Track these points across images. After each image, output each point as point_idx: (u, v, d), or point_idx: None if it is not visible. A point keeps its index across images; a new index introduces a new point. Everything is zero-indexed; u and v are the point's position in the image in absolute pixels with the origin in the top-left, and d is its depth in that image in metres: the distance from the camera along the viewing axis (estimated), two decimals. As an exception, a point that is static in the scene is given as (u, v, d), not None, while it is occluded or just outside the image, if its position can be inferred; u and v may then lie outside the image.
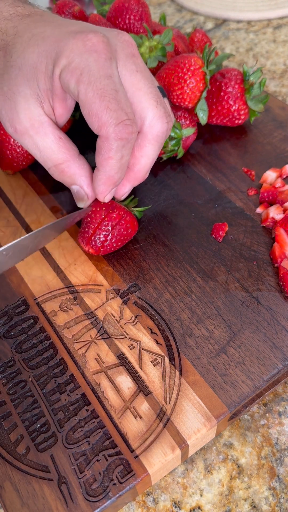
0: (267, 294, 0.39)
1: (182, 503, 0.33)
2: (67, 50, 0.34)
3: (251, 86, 0.48)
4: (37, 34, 0.35)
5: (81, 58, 0.33)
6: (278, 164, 0.49)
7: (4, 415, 0.34)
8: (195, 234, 0.44)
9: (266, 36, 0.72)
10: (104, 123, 0.34)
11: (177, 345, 0.36)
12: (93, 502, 0.30)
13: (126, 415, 0.33)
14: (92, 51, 0.34)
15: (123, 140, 0.34)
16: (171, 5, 0.81)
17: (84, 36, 0.34)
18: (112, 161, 0.35)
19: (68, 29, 0.35)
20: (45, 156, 0.37)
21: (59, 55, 0.34)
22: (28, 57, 0.35)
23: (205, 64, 0.46)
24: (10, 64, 0.35)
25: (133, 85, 0.36)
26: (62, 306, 0.39)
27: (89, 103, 0.33)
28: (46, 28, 0.36)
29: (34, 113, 0.36)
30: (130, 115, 0.34)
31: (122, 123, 0.34)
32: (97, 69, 0.33)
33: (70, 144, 0.38)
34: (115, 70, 0.35)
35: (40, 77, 0.35)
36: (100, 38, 0.34)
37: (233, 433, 0.36)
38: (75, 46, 0.34)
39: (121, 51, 0.36)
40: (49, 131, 0.36)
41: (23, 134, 0.36)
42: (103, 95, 0.33)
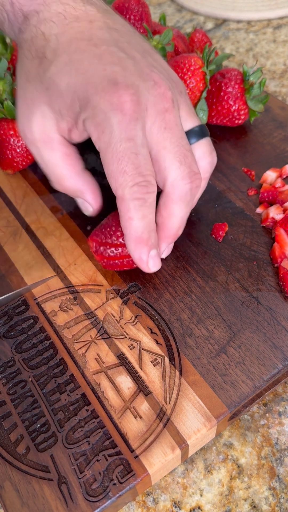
0: (267, 294, 0.39)
1: (182, 503, 0.33)
2: (93, 101, 0.33)
3: (251, 86, 0.48)
4: (73, 61, 0.34)
5: (105, 115, 0.33)
6: (278, 164, 0.49)
7: (4, 415, 0.34)
8: (195, 234, 0.44)
9: (266, 36, 0.72)
10: (119, 185, 0.34)
11: (177, 345, 0.36)
12: (93, 502, 0.30)
13: (126, 415, 0.33)
14: (117, 111, 0.33)
15: (140, 200, 0.34)
16: (171, 5, 0.81)
17: (114, 92, 0.33)
18: (133, 221, 0.35)
19: (106, 69, 0.34)
20: (49, 169, 0.37)
21: (86, 102, 0.33)
22: (57, 83, 0.34)
23: (205, 64, 0.46)
24: (40, 79, 0.35)
25: (158, 143, 0.35)
26: (62, 306, 0.39)
27: (107, 163, 0.33)
28: (84, 56, 0.34)
29: (47, 129, 0.35)
30: (148, 177, 0.34)
31: (136, 185, 0.34)
32: (119, 131, 0.33)
33: (76, 161, 0.37)
34: (139, 131, 0.33)
35: (64, 107, 0.34)
36: (129, 97, 0.33)
37: (233, 433, 0.36)
38: (102, 101, 0.33)
39: (152, 107, 0.34)
40: (56, 147, 0.36)
41: (31, 143, 0.36)
42: (121, 159, 0.33)
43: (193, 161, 0.36)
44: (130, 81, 0.34)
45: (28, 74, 0.36)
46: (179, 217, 0.37)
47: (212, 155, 0.40)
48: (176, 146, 0.35)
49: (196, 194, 0.38)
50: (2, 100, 0.46)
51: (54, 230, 0.45)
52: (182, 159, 0.35)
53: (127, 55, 0.35)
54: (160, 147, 0.35)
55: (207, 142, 0.39)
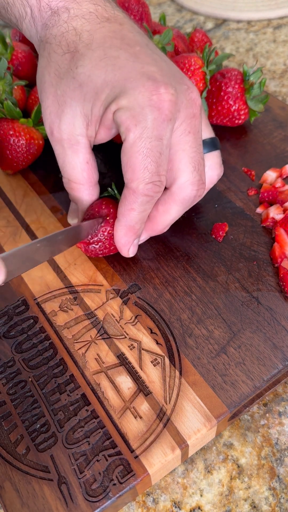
0: (267, 294, 0.39)
1: (182, 503, 0.33)
2: (131, 95, 0.33)
3: (251, 86, 0.48)
4: (109, 57, 0.34)
5: (142, 109, 0.33)
6: (278, 164, 0.49)
7: (4, 415, 0.34)
8: (195, 234, 0.44)
9: (266, 36, 0.72)
10: (137, 178, 0.34)
11: (177, 345, 0.36)
12: (93, 502, 0.30)
13: (126, 415, 0.33)
14: (155, 108, 0.33)
15: (149, 197, 0.35)
16: (171, 5, 0.81)
17: (154, 88, 0.33)
18: (134, 212, 0.36)
19: (143, 68, 0.34)
20: (66, 170, 0.38)
21: (122, 94, 0.33)
22: (92, 78, 0.34)
23: (205, 64, 0.46)
24: (72, 75, 0.35)
25: (179, 144, 0.36)
26: (62, 306, 0.39)
27: (130, 155, 0.34)
28: (121, 53, 0.34)
29: (76, 130, 0.36)
30: (162, 178, 0.35)
31: (152, 183, 0.34)
32: (153, 128, 0.33)
33: (94, 171, 0.38)
34: (168, 132, 0.34)
35: (97, 104, 0.34)
36: (168, 96, 0.33)
37: (233, 433, 0.36)
38: (141, 95, 0.33)
39: (183, 110, 0.35)
40: (81, 151, 0.36)
41: (56, 142, 0.37)
42: (147, 155, 0.33)
43: (204, 170, 0.38)
44: (168, 81, 0.34)
45: (59, 70, 0.35)
46: (172, 217, 0.39)
47: (221, 168, 0.41)
48: (194, 151, 0.36)
49: (196, 202, 0.39)
50: (2, 100, 0.46)
51: (54, 230, 0.45)
52: (196, 166, 0.37)
53: (160, 58, 0.36)
54: (179, 148, 0.36)
55: (218, 154, 0.41)
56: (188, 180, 0.37)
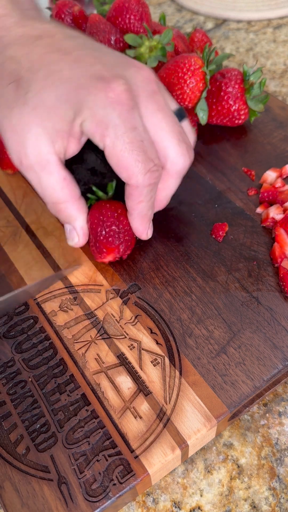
0: (267, 294, 0.39)
1: (182, 503, 0.33)
2: (89, 102, 0.33)
3: (251, 86, 0.48)
4: (53, 72, 0.34)
5: (105, 111, 0.33)
6: (278, 164, 0.49)
7: (4, 415, 0.34)
8: (195, 234, 0.44)
9: (266, 36, 0.72)
10: (133, 174, 0.35)
11: (177, 345, 0.36)
12: (93, 502, 0.30)
13: (126, 415, 0.33)
14: (115, 104, 0.33)
15: (152, 185, 0.36)
16: (171, 5, 0.81)
17: (106, 86, 0.33)
18: (143, 203, 0.37)
19: (87, 71, 0.34)
20: (46, 193, 0.37)
21: (81, 106, 0.33)
22: (45, 99, 0.34)
23: (205, 64, 0.46)
24: (23, 101, 0.34)
25: (155, 125, 0.36)
26: (62, 306, 0.39)
27: (117, 156, 0.34)
28: (62, 65, 0.35)
29: (42, 151, 0.35)
30: (156, 160, 0.35)
31: (149, 171, 0.35)
32: (123, 122, 0.33)
33: (73, 186, 0.37)
34: (138, 118, 0.35)
35: (57, 120, 0.34)
36: (122, 87, 0.34)
37: (233, 433, 0.36)
38: (97, 98, 0.33)
39: (142, 91, 0.35)
40: (54, 170, 0.36)
41: (28, 169, 0.36)
42: (131, 149, 0.34)
43: (186, 137, 0.38)
44: (116, 72, 0.35)
45: (7, 102, 0.35)
46: (172, 190, 0.40)
47: (193, 134, 0.42)
48: (171, 125, 0.37)
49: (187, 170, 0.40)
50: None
51: (54, 230, 0.45)
52: (179, 137, 0.37)
53: (100, 53, 0.36)
54: (157, 128, 0.36)
55: (188, 123, 0.42)
56: (178, 153, 0.37)
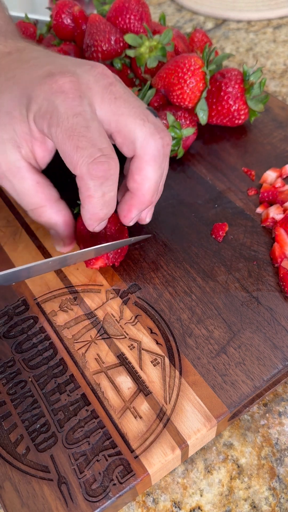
0: (267, 294, 0.39)
1: (182, 503, 0.33)
2: (35, 96, 0.33)
3: (251, 86, 0.48)
4: (9, 78, 0.35)
5: (48, 101, 0.33)
6: (278, 164, 0.49)
7: (4, 415, 0.34)
8: (195, 234, 0.44)
9: (266, 36, 0.72)
10: (76, 162, 0.32)
11: (177, 345, 0.36)
12: (93, 502, 0.30)
13: (126, 415, 0.33)
14: (58, 93, 0.33)
15: (100, 179, 0.33)
16: (171, 5, 0.81)
17: (50, 79, 0.33)
18: (93, 199, 0.34)
19: (39, 71, 0.35)
20: (22, 199, 0.37)
21: (30, 101, 0.34)
22: (2, 103, 0.35)
23: (205, 64, 0.46)
24: None
25: (115, 113, 0.35)
26: (62, 306, 0.39)
27: (60, 145, 0.33)
28: (17, 71, 0.35)
29: (10, 158, 0.35)
30: (105, 150, 0.33)
31: (95, 161, 0.32)
32: (65, 109, 0.32)
33: (49, 189, 0.37)
34: (85, 106, 0.33)
35: (16, 122, 0.34)
36: (67, 79, 0.33)
37: (233, 433, 0.36)
38: (41, 91, 0.33)
39: (95, 85, 0.35)
40: (26, 175, 0.36)
41: (1, 178, 0.36)
42: (71, 135, 0.32)
43: (155, 120, 0.36)
44: (66, 69, 0.34)
45: None
46: (153, 180, 0.36)
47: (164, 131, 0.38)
48: (133, 108, 0.35)
49: (167, 153, 0.37)
50: None
51: (54, 230, 0.45)
52: (144, 118, 0.35)
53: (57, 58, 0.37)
54: (117, 115, 0.35)
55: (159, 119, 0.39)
56: (146, 134, 0.35)
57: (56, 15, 0.54)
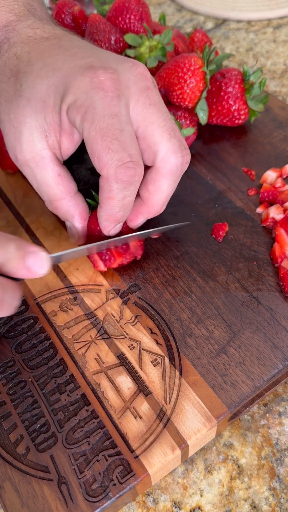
0: (267, 294, 0.39)
1: (182, 503, 0.33)
2: (74, 87, 0.33)
3: (251, 86, 0.48)
4: (48, 64, 0.35)
5: (87, 95, 0.33)
6: (278, 164, 0.49)
7: (4, 415, 0.34)
8: (195, 234, 0.44)
9: (266, 36, 0.72)
10: (105, 164, 0.33)
11: (177, 345, 0.36)
12: (93, 502, 0.30)
13: (126, 415, 0.33)
14: (98, 89, 0.33)
15: (124, 183, 0.33)
16: (171, 5, 0.81)
17: (92, 73, 0.33)
18: (113, 201, 0.35)
19: (80, 62, 0.34)
20: (42, 190, 0.37)
21: (67, 91, 0.33)
22: (37, 88, 0.34)
23: (205, 64, 0.46)
24: (19, 93, 0.35)
25: (145, 119, 0.35)
26: (62, 306, 0.39)
27: (91, 142, 0.33)
28: (58, 57, 0.35)
29: (36, 146, 0.35)
30: (134, 157, 0.33)
31: (123, 165, 0.33)
32: (102, 107, 0.32)
33: (69, 181, 0.37)
34: (122, 108, 0.33)
35: (48, 111, 0.34)
36: (108, 75, 0.33)
37: (233, 433, 0.36)
38: (82, 83, 0.33)
39: (133, 86, 0.35)
40: (49, 166, 0.36)
41: (23, 164, 0.36)
42: (105, 135, 0.32)
43: (181, 135, 0.36)
44: (107, 64, 0.34)
45: (7, 96, 0.36)
46: (165, 193, 0.37)
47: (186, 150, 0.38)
48: (164, 120, 0.35)
49: (184, 170, 0.37)
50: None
51: (54, 230, 0.45)
52: (171, 133, 0.35)
53: (98, 51, 0.36)
54: (147, 122, 0.35)
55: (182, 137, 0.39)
56: (169, 149, 0.35)
57: (56, 15, 0.54)
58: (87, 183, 0.41)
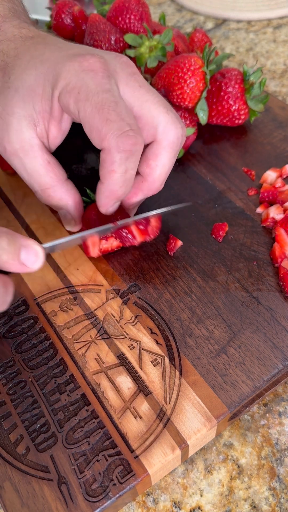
0: (267, 294, 0.39)
1: (182, 503, 0.33)
2: (64, 72, 0.34)
3: (251, 86, 0.48)
4: (36, 56, 0.36)
5: (77, 77, 0.34)
6: (278, 164, 0.49)
7: (4, 415, 0.34)
8: (195, 234, 0.44)
9: (266, 36, 0.72)
10: (105, 135, 0.33)
11: (177, 345, 0.36)
12: (93, 502, 0.30)
13: (126, 415, 0.33)
14: (88, 70, 0.34)
15: (126, 152, 0.33)
16: (171, 5, 0.81)
17: (81, 58, 0.34)
18: (116, 174, 0.34)
19: (67, 52, 0.35)
20: (32, 179, 0.37)
21: (57, 77, 0.34)
22: (25, 79, 0.35)
23: (205, 64, 0.46)
24: (8, 85, 0.36)
25: (138, 99, 0.36)
26: (62, 306, 0.39)
27: (88, 119, 0.33)
28: (45, 50, 0.36)
29: (25, 135, 0.35)
30: (133, 126, 0.34)
31: (124, 134, 0.33)
32: (95, 85, 0.33)
33: (58, 169, 0.37)
34: (113, 85, 0.34)
35: (37, 100, 0.35)
36: (97, 59, 0.34)
37: (233, 433, 0.36)
38: (72, 68, 0.34)
39: (121, 71, 0.36)
40: (38, 154, 0.36)
41: (12, 155, 0.36)
42: (102, 108, 0.33)
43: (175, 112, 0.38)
44: (94, 52, 0.35)
45: None
46: (166, 167, 0.38)
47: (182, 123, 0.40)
48: (156, 97, 0.36)
49: (182, 143, 0.38)
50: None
51: (54, 230, 0.45)
52: (167, 106, 0.37)
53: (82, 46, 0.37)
54: (141, 101, 0.36)
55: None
56: (168, 121, 0.36)
57: (56, 15, 0.54)
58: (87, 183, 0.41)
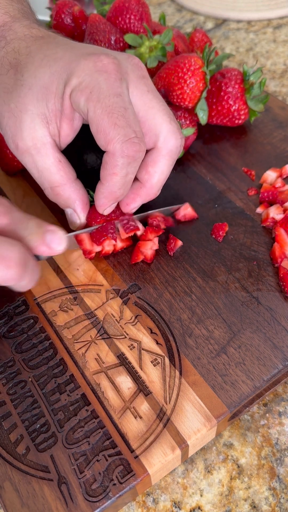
0: (267, 294, 0.39)
1: (182, 503, 0.33)
2: (78, 71, 0.34)
3: (251, 86, 0.48)
4: (49, 55, 0.36)
5: (91, 77, 0.34)
6: (278, 164, 0.49)
7: (4, 415, 0.34)
8: (195, 234, 0.44)
9: (266, 36, 0.72)
10: (111, 139, 0.34)
11: (177, 345, 0.36)
12: (93, 502, 0.30)
13: (126, 415, 0.33)
14: (102, 71, 0.34)
15: (129, 158, 0.35)
16: (171, 5, 0.81)
17: (95, 57, 0.35)
18: (116, 177, 0.36)
19: (81, 51, 0.36)
20: (43, 177, 0.38)
21: (70, 75, 0.35)
22: (39, 77, 0.35)
23: (205, 64, 0.46)
24: (21, 83, 0.36)
25: (145, 104, 0.37)
26: (62, 306, 0.39)
27: (97, 120, 0.34)
28: (58, 49, 0.36)
29: (38, 133, 0.36)
30: (139, 133, 0.35)
31: (129, 140, 0.34)
32: (107, 87, 0.34)
33: (69, 168, 0.38)
34: (125, 89, 0.35)
35: (50, 98, 0.35)
36: (111, 60, 0.35)
37: (233, 433, 0.36)
38: (86, 67, 0.34)
39: (132, 73, 0.36)
40: (50, 152, 0.37)
41: (24, 152, 0.37)
42: (111, 112, 0.34)
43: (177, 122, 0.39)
44: (107, 52, 0.36)
45: (7, 87, 0.37)
46: (164, 174, 0.39)
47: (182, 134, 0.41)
48: (162, 105, 0.38)
49: (179, 154, 0.39)
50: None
51: (54, 230, 0.45)
52: (171, 116, 0.38)
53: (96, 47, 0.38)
54: (147, 107, 0.37)
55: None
56: (170, 131, 0.37)
57: (56, 15, 0.54)
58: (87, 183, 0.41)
